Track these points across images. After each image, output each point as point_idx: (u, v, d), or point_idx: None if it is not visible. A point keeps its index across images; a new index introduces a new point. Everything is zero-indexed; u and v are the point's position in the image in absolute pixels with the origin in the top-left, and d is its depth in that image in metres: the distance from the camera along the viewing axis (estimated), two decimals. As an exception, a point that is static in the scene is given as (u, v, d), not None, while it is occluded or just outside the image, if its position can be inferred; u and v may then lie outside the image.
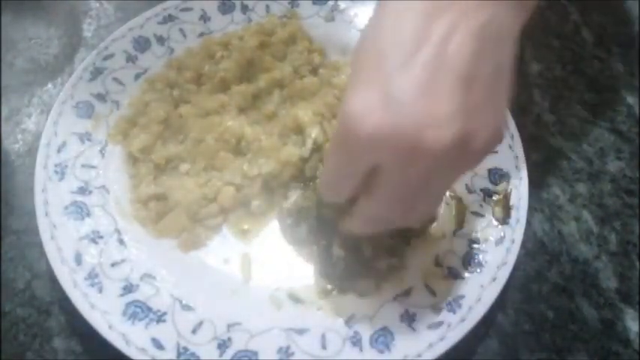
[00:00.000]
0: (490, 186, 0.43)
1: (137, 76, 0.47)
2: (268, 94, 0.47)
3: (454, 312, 0.38)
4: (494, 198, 0.43)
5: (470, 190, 0.44)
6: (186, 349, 0.36)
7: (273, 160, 0.43)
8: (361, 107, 0.30)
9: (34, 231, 0.40)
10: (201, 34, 0.50)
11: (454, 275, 0.40)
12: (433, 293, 0.39)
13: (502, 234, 0.41)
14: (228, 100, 0.46)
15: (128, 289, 0.38)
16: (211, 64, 0.48)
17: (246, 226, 0.43)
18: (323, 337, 0.38)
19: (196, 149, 0.44)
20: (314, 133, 0.44)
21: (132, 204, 0.43)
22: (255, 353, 0.37)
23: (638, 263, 0.44)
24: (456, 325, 0.38)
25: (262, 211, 0.43)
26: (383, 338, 0.37)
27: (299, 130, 0.45)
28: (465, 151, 0.30)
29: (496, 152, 0.44)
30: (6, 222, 0.44)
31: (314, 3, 0.52)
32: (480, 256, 0.40)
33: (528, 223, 0.42)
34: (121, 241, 0.41)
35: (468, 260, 0.40)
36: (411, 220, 0.34)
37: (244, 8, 0.51)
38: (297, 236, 0.42)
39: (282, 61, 0.48)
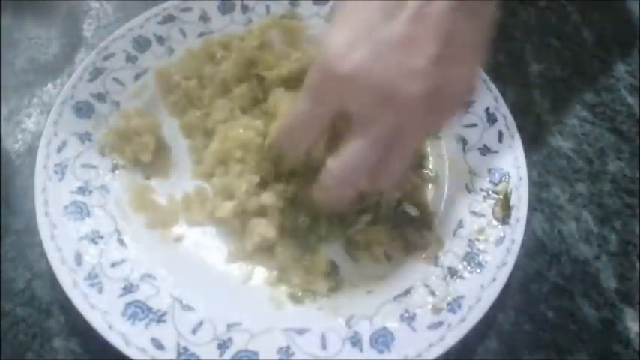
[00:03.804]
0: (490, 186, 0.43)
1: (137, 76, 0.47)
2: (271, 92, 0.46)
3: (454, 312, 0.38)
4: (494, 198, 0.43)
5: (470, 190, 0.44)
6: (186, 349, 0.36)
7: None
8: (343, 47, 0.32)
9: (34, 231, 0.40)
10: (201, 34, 0.50)
11: (454, 275, 0.40)
12: (433, 293, 0.39)
13: (502, 234, 0.41)
14: (232, 103, 0.46)
15: (128, 289, 0.38)
16: (212, 65, 0.48)
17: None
18: (323, 337, 0.38)
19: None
20: None
21: (131, 204, 0.43)
22: (255, 353, 0.37)
23: (638, 263, 0.44)
24: (456, 325, 0.38)
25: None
26: (383, 338, 0.37)
27: None
28: (435, 104, 0.32)
29: (496, 152, 0.45)
30: (6, 222, 0.44)
31: (314, 3, 0.52)
32: (480, 256, 0.40)
33: (528, 223, 0.42)
34: (121, 241, 0.41)
35: (468, 260, 0.40)
36: (378, 183, 0.35)
37: (244, 8, 0.51)
38: None
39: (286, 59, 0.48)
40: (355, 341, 0.37)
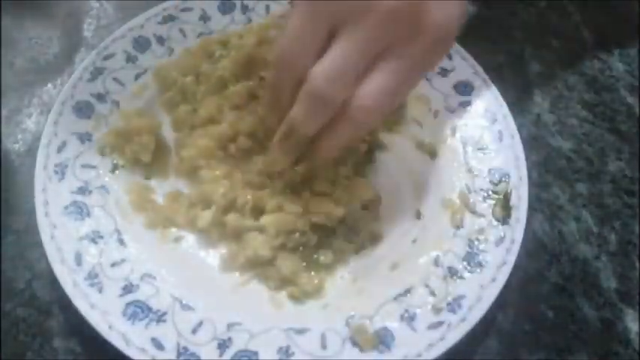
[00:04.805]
0: (490, 186, 0.43)
1: (137, 76, 0.47)
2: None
3: (454, 312, 0.38)
4: (494, 198, 0.43)
5: (470, 190, 0.44)
6: (186, 349, 0.36)
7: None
8: None
9: (34, 231, 0.40)
10: (201, 34, 0.50)
11: (454, 275, 0.40)
12: (433, 293, 0.39)
13: (502, 234, 0.41)
14: (223, 100, 0.46)
15: (128, 289, 0.38)
16: (210, 63, 0.48)
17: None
18: (323, 337, 0.38)
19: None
20: None
21: (131, 204, 0.43)
22: (255, 353, 0.37)
23: (638, 263, 0.44)
24: (456, 325, 0.37)
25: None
26: (383, 338, 0.37)
27: None
28: (415, 27, 0.35)
29: (496, 152, 0.45)
30: (6, 222, 0.44)
31: (314, 3, 0.51)
32: (480, 256, 0.40)
33: (528, 223, 0.42)
34: (121, 241, 0.41)
35: (468, 260, 0.40)
36: (363, 99, 0.35)
37: (244, 8, 0.51)
38: None
39: None
40: (355, 341, 0.37)
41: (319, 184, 0.42)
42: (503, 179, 0.44)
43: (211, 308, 0.38)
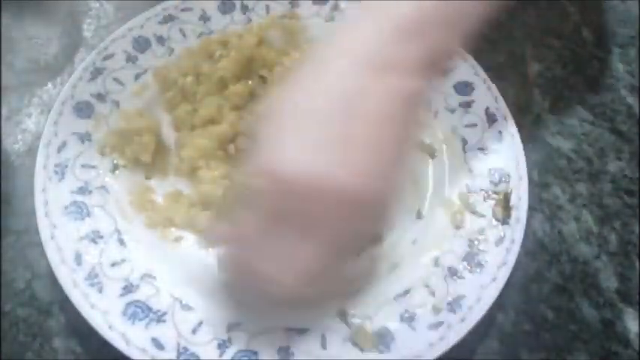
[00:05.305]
0: (490, 186, 0.43)
1: (137, 76, 0.47)
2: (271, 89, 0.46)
3: (454, 312, 0.38)
4: (494, 198, 0.43)
5: (470, 190, 0.44)
6: (186, 349, 0.36)
7: None
8: (296, 155, 0.31)
9: (34, 231, 0.40)
10: (201, 34, 0.50)
11: (454, 275, 0.40)
12: (433, 293, 0.39)
13: (502, 234, 0.41)
14: (224, 100, 0.46)
15: (128, 289, 0.38)
16: (210, 63, 0.48)
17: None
18: (323, 337, 0.38)
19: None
20: None
21: (131, 204, 0.43)
22: (255, 353, 0.37)
23: (638, 263, 0.44)
24: (456, 325, 0.38)
25: None
26: (383, 338, 0.37)
27: None
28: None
29: (496, 152, 0.45)
30: (6, 222, 0.44)
31: (314, 3, 0.52)
32: (480, 256, 0.40)
33: (528, 223, 0.42)
34: (121, 241, 0.41)
35: (468, 260, 0.40)
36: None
37: (244, 8, 0.51)
38: None
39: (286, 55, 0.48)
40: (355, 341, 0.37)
41: None
42: (503, 179, 0.44)
43: (211, 308, 0.38)
